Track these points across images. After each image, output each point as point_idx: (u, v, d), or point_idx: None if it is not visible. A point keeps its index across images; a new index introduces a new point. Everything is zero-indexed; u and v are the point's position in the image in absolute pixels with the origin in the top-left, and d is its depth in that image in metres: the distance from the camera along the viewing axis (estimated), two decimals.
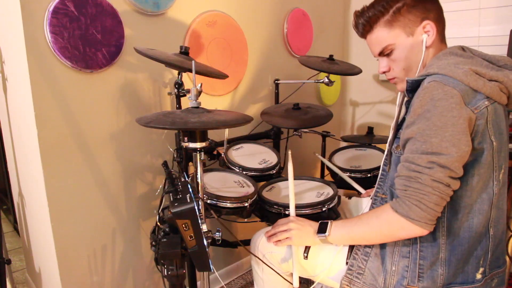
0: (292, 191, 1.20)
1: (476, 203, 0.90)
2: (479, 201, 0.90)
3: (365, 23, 1.02)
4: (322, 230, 1.04)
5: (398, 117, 0.99)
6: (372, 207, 1.07)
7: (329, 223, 1.04)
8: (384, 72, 1.06)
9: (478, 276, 0.94)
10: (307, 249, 1.13)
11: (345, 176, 1.60)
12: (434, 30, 0.96)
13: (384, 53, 1.02)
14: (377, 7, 0.99)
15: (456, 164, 0.84)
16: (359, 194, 1.53)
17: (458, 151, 0.83)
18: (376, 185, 1.08)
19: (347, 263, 1.06)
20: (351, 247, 1.07)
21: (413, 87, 0.93)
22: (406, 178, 0.88)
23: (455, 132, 0.82)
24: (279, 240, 1.12)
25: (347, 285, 1.04)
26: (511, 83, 0.88)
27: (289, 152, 1.30)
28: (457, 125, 0.82)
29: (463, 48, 0.97)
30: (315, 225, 1.07)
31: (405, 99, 0.97)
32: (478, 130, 0.86)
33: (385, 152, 1.05)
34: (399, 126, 1.00)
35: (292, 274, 1.24)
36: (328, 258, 1.09)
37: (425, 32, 0.97)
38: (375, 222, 0.95)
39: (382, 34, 1.00)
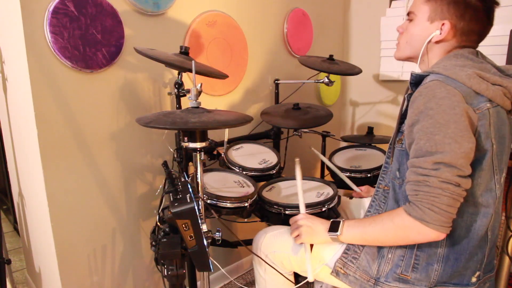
0: (301, 189, 1.19)
1: (482, 205, 0.91)
2: (484, 203, 0.90)
3: None
4: (334, 229, 1.03)
5: (401, 109, 1.00)
6: (374, 198, 1.07)
7: (341, 222, 1.03)
8: (398, 31, 1.08)
9: (473, 279, 0.96)
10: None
11: (340, 173, 1.59)
12: (445, 34, 0.96)
13: (409, 16, 1.04)
14: None
15: (462, 161, 0.83)
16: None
17: (461, 147, 0.83)
18: (379, 177, 1.08)
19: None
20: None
21: (416, 81, 0.95)
22: (415, 183, 0.88)
23: (457, 129, 0.83)
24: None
25: (341, 268, 1.05)
26: None
27: (297, 160, 1.29)
28: (460, 122, 0.83)
29: (477, 53, 0.97)
30: (326, 223, 1.07)
31: (408, 91, 0.98)
32: (481, 131, 0.86)
33: (389, 145, 1.06)
34: (402, 119, 1.00)
35: (294, 273, 1.24)
36: (330, 253, 1.10)
37: (440, 29, 0.96)
38: (390, 225, 0.93)
39: (418, 0, 1.02)
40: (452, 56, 0.95)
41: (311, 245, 1.12)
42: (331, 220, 1.06)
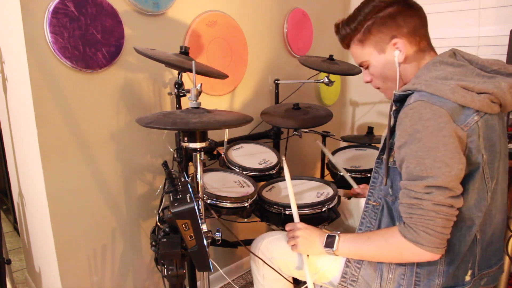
0: (293, 197, 1.19)
1: (478, 217, 0.90)
2: (478, 213, 0.90)
3: (341, 39, 1.06)
4: (329, 244, 1.03)
5: (389, 126, 0.98)
6: (364, 214, 1.06)
7: (336, 238, 1.02)
8: (367, 82, 1.08)
9: (467, 278, 0.96)
10: None
11: (342, 169, 1.60)
12: (405, 47, 0.96)
13: (363, 66, 1.05)
14: (350, 26, 1.02)
15: (453, 183, 0.83)
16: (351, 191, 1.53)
17: (452, 170, 0.82)
18: (367, 192, 1.07)
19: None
20: None
21: (400, 98, 0.93)
22: (408, 206, 0.87)
23: (447, 152, 0.82)
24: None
25: None
26: (502, 93, 0.86)
27: (284, 158, 1.29)
28: (448, 144, 0.82)
29: (454, 54, 0.96)
30: (322, 236, 1.05)
31: (393, 108, 0.96)
32: (472, 147, 0.85)
33: (376, 160, 1.04)
34: (391, 135, 0.98)
35: (293, 279, 1.24)
36: (326, 261, 1.09)
37: (396, 49, 0.97)
38: (384, 245, 0.93)
39: (356, 51, 1.04)
40: (431, 66, 0.92)
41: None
42: (327, 234, 1.05)
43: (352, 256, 1.03)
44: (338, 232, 1.04)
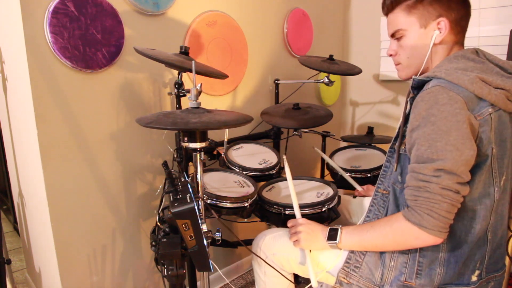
0: (294, 193, 1.19)
1: (481, 209, 0.91)
2: (482, 207, 0.91)
3: (390, 2, 1.03)
4: (332, 237, 1.04)
5: (404, 113, 0.99)
6: (372, 202, 1.07)
7: (339, 230, 1.03)
8: (390, 55, 1.08)
9: (474, 278, 0.96)
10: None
11: (343, 172, 1.60)
12: (447, 30, 0.96)
13: (395, 36, 1.04)
14: None
15: (462, 168, 0.84)
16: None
17: (462, 155, 0.83)
18: (377, 181, 1.08)
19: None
20: None
21: (418, 85, 0.95)
22: (415, 188, 0.88)
23: (459, 137, 0.83)
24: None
25: (344, 278, 1.05)
26: None
27: (284, 157, 1.29)
28: (461, 130, 0.83)
29: (477, 52, 0.98)
30: (325, 230, 1.06)
31: (410, 95, 0.98)
32: (483, 137, 0.86)
33: (388, 149, 1.05)
34: (405, 122, 1.00)
35: (294, 275, 1.24)
36: (329, 256, 1.10)
37: (438, 29, 0.97)
38: (388, 230, 0.94)
39: (399, 17, 1.01)
40: (453, 59, 0.95)
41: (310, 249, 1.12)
42: (329, 227, 1.05)
43: (355, 247, 1.03)
44: (340, 226, 1.05)
